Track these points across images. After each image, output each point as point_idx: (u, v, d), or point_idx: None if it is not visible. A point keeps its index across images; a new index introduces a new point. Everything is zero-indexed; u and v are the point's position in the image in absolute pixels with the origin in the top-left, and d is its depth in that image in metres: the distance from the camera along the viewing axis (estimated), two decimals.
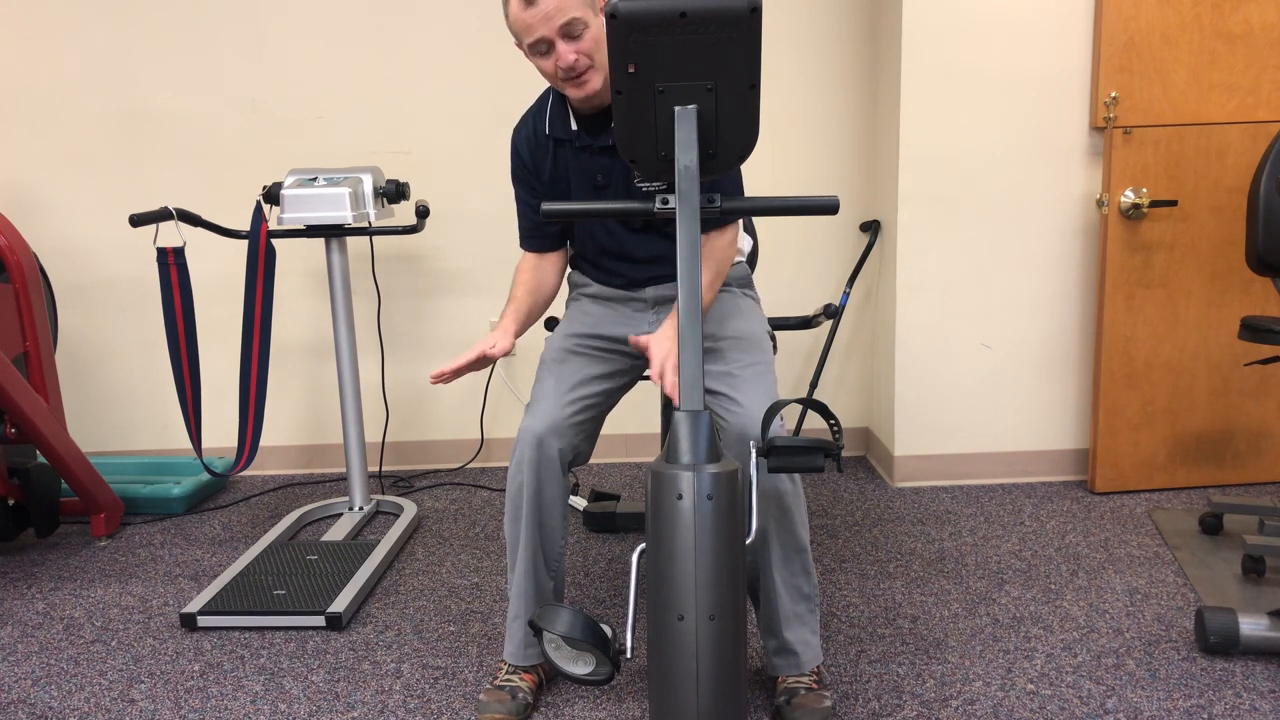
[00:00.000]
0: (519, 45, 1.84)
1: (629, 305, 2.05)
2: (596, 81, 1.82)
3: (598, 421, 1.97)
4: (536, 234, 2.08)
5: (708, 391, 1.87)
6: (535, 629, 1.63)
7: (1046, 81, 2.90)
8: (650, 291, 2.02)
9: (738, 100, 1.51)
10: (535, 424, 1.86)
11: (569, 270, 2.16)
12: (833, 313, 2.41)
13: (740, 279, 2.08)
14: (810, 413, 3.45)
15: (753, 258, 2.29)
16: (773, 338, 2.08)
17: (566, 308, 2.13)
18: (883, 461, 3.26)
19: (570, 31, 1.76)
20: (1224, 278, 2.89)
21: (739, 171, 1.93)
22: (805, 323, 2.46)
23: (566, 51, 1.77)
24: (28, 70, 3.22)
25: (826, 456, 1.54)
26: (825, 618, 2.26)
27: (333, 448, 3.47)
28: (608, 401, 1.99)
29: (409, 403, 3.45)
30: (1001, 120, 2.92)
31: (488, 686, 1.92)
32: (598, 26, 1.78)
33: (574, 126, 1.92)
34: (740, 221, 2.04)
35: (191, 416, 2.74)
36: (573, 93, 1.83)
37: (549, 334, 2.09)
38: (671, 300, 2.01)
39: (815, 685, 1.86)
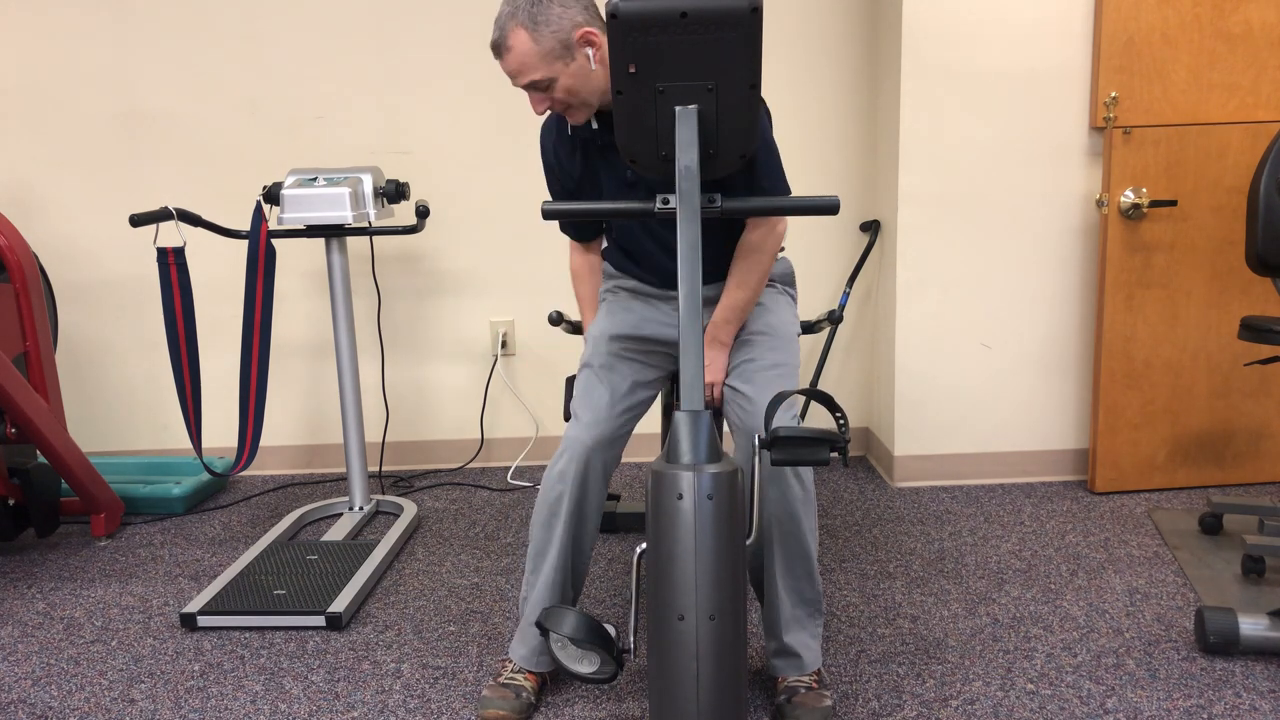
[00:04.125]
0: None
1: (669, 303, 2.02)
2: (582, 115, 1.83)
3: (634, 425, 1.97)
4: (573, 226, 2.10)
5: (726, 386, 1.86)
6: (542, 630, 1.64)
7: (1046, 81, 2.90)
8: None
9: (738, 100, 1.51)
10: (587, 436, 1.84)
11: (603, 263, 2.15)
12: (836, 319, 2.41)
13: (784, 275, 2.06)
14: (808, 415, 3.45)
15: None
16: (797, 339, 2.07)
17: (602, 300, 2.10)
18: (883, 461, 3.26)
19: (536, 88, 1.79)
20: (1224, 278, 2.89)
21: (778, 159, 1.87)
22: (808, 328, 2.47)
23: (536, 103, 1.81)
24: (28, 70, 3.22)
25: (832, 449, 1.53)
26: (825, 618, 2.26)
27: (333, 448, 3.47)
28: (647, 406, 1.99)
29: (409, 403, 3.45)
30: (1001, 120, 2.92)
31: (491, 683, 1.92)
32: (572, 71, 1.77)
33: (594, 126, 1.92)
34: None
35: (191, 416, 2.74)
36: (569, 118, 1.86)
37: (588, 331, 2.06)
38: (712, 301, 1.98)
39: (815, 685, 1.87)
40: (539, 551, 1.90)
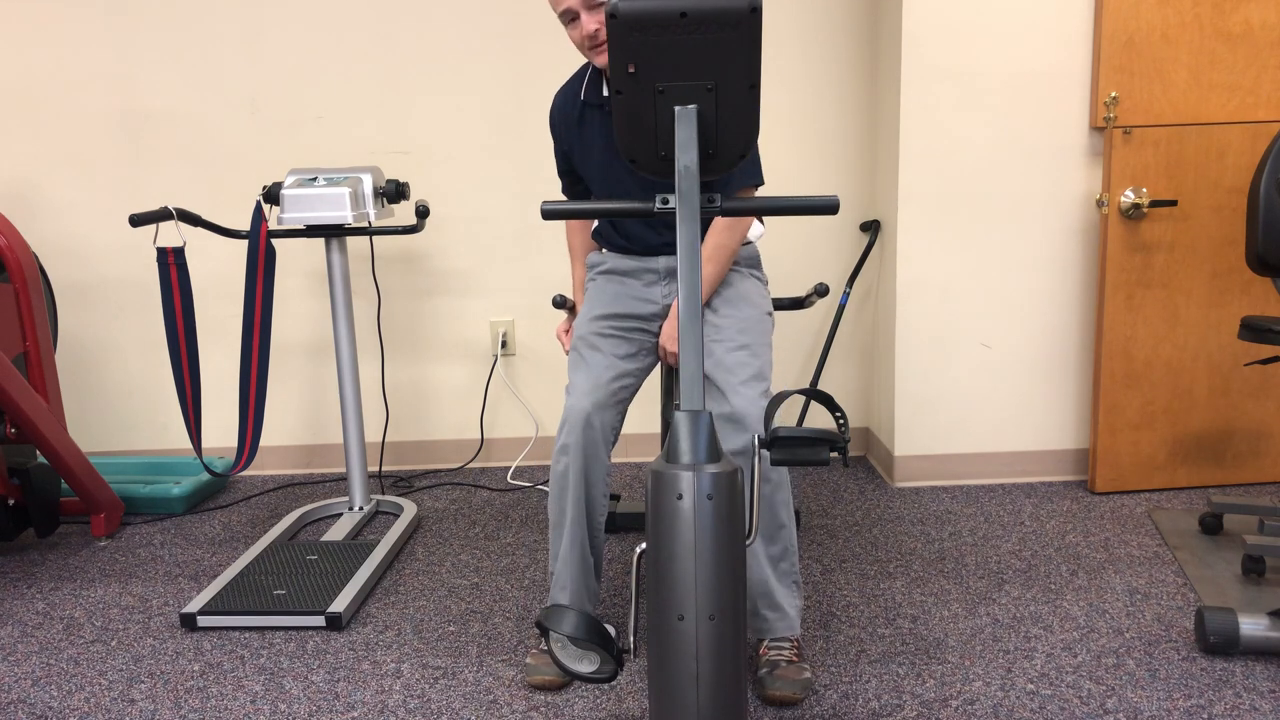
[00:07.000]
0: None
1: (641, 279, 2.12)
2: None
3: (630, 402, 2.07)
4: (572, 191, 2.27)
5: None
6: (541, 629, 1.64)
7: (1046, 81, 2.89)
8: (663, 261, 2.10)
9: (738, 100, 1.51)
10: (583, 401, 1.93)
11: (592, 250, 2.29)
12: (823, 291, 2.46)
13: (749, 259, 2.14)
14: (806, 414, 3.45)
15: None
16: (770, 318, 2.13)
17: (585, 290, 2.23)
18: (883, 461, 3.26)
19: (592, 1, 1.89)
20: (1224, 278, 2.89)
21: (756, 152, 2.00)
22: (797, 303, 2.51)
23: (589, 21, 1.91)
24: (28, 70, 3.22)
25: (832, 449, 1.53)
26: (825, 618, 2.26)
27: (333, 448, 3.47)
28: (637, 381, 2.08)
29: (409, 403, 3.45)
30: (1001, 120, 2.92)
31: (535, 651, 2.00)
32: None
33: (605, 93, 2.02)
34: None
35: (191, 416, 2.74)
36: (598, 60, 1.94)
37: (576, 319, 2.19)
38: (674, 271, 2.10)
39: (796, 657, 1.94)
40: (556, 523, 1.99)
